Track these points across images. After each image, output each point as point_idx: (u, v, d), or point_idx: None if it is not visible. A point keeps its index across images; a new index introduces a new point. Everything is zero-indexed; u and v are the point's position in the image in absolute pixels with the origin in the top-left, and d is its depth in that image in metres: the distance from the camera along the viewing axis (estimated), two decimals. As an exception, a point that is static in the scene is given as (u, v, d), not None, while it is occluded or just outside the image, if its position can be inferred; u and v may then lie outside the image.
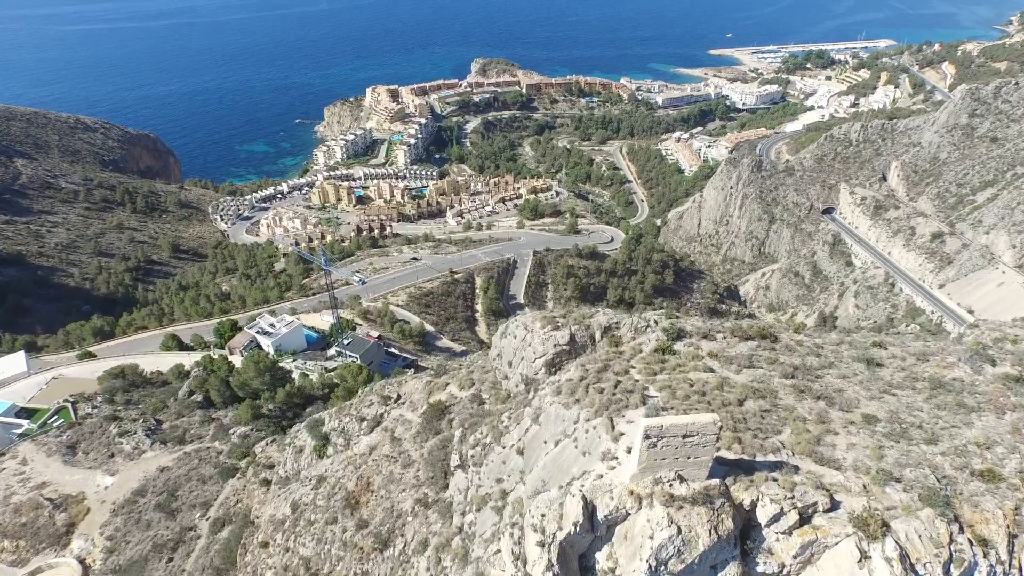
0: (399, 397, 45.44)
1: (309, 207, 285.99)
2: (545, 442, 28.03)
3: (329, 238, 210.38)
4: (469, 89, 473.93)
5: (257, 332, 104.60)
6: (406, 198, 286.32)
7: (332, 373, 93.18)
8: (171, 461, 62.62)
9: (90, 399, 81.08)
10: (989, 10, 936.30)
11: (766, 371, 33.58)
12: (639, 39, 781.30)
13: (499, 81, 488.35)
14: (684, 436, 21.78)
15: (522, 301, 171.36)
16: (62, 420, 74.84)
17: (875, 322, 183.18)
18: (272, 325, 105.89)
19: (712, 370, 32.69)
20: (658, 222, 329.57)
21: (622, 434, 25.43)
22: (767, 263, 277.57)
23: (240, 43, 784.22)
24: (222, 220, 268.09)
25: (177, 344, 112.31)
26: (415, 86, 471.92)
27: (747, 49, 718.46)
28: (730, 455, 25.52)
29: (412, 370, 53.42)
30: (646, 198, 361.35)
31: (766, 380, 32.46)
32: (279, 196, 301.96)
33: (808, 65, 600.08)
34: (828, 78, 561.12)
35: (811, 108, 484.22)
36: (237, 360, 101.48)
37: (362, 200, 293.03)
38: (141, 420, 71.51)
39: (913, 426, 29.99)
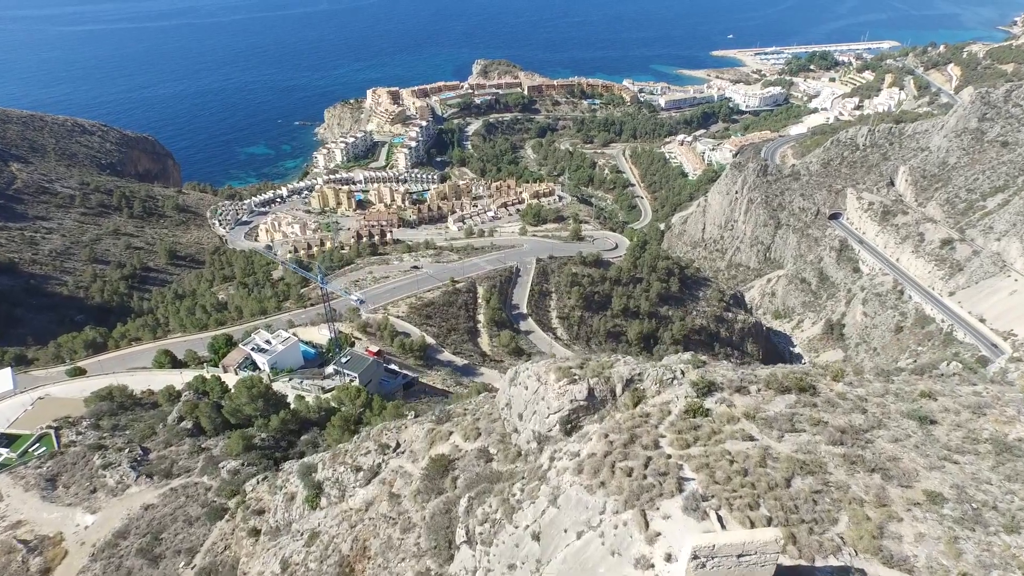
0: (398, 445, 41.79)
1: (309, 211, 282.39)
2: (565, 531, 24.36)
3: (328, 245, 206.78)
4: (470, 91, 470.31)
5: (252, 349, 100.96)
6: (407, 202, 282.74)
7: (329, 395, 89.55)
8: (156, 498, 58.94)
9: (75, 424, 77.42)
10: (993, 11, 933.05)
11: (811, 436, 29.88)
12: (641, 40, 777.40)
13: (500, 83, 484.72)
14: (739, 556, 18.05)
15: (525, 311, 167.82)
16: (44, 448, 71.20)
17: (914, 361, 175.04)
18: (268, 342, 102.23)
19: (752, 437, 28.97)
20: (662, 226, 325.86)
21: (658, 534, 21.72)
22: (773, 269, 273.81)
23: (240, 44, 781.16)
24: (220, 225, 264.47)
25: (170, 360, 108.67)
26: (416, 88, 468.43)
27: (749, 50, 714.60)
28: (786, 560, 21.74)
29: (412, 414, 49.67)
30: (649, 202, 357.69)
31: (812, 449, 28.76)
32: (278, 200, 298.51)
33: (811, 67, 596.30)
34: (832, 80, 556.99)
35: (815, 110, 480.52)
36: (231, 379, 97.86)
37: (362, 204, 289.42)
38: (127, 450, 67.80)
39: (987, 506, 26.25)
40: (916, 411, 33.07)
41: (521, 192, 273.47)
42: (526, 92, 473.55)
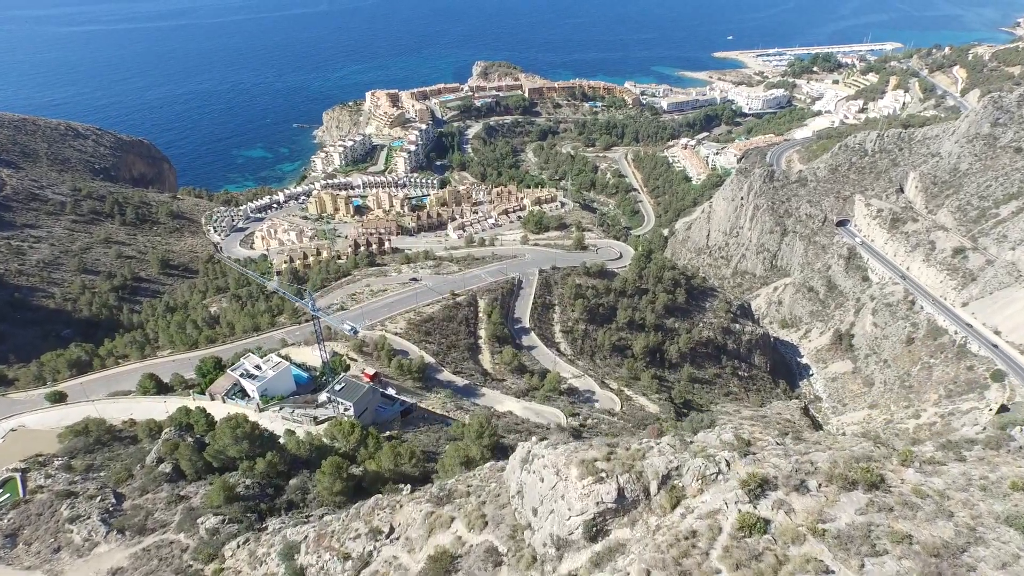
0: (392, 530, 36.39)
1: (306, 217, 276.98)
2: None
3: (325, 255, 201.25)
4: (471, 93, 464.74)
5: (241, 375, 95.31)
6: (406, 208, 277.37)
7: (321, 428, 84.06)
8: (126, 559, 53.43)
9: (46, 464, 71.79)
10: (995, 12, 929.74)
11: (897, 563, 24.39)
12: (642, 41, 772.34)
13: (501, 85, 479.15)
14: None
15: (528, 325, 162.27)
16: (8, 495, 65.56)
17: (984, 429, 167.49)
18: (258, 367, 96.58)
19: (827, 570, 23.37)
20: (665, 232, 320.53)
21: None
22: (779, 277, 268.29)
23: (239, 45, 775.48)
24: (215, 232, 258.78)
25: (155, 385, 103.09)
26: (415, 90, 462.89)
27: (751, 52, 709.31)
28: None
29: (408, 488, 44.18)
30: (652, 207, 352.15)
31: (905, 584, 23.11)
32: (275, 206, 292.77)
33: (814, 68, 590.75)
34: (835, 82, 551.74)
35: (819, 113, 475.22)
36: (218, 408, 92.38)
37: (360, 210, 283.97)
38: (99, 498, 62.28)
39: None
40: (1016, 518, 27.46)
41: (522, 198, 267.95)
42: (527, 94, 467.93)
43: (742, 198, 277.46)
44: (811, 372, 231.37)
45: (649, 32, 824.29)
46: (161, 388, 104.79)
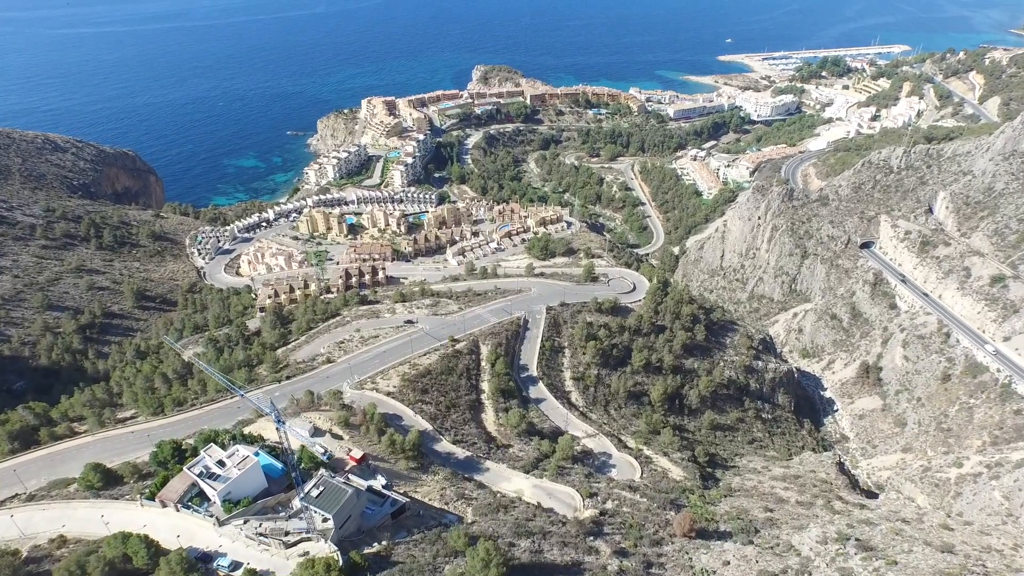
0: None
1: (296, 238, 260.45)
2: None
3: (313, 287, 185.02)
4: (470, 100, 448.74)
5: (200, 475, 79.39)
6: (402, 227, 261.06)
7: (291, 559, 68.16)
8: None
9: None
10: (1002, 13, 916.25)
11: None
12: (645, 44, 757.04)
13: (502, 91, 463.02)
14: None
15: (535, 373, 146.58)
16: None
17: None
18: (220, 463, 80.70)
19: None
20: (676, 251, 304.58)
21: None
22: (799, 302, 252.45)
23: (234, 48, 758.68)
24: (199, 255, 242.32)
25: (101, 477, 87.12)
26: (413, 97, 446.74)
27: (757, 55, 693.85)
28: None
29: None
30: (661, 223, 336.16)
31: None
32: (264, 224, 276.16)
33: (823, 73, 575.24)
34: (845, 87, 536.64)
35: (830, 120, 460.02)
36: (169, 522, 76.47)
37: (354, 228, 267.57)
38: None
39: None
40: None
41: (526, 218, 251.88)
42: (528, 101, 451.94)
43: (759, 217, 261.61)
44: (836, 408, 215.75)
45: (652, 35, 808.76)
46: (109, 479, 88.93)
